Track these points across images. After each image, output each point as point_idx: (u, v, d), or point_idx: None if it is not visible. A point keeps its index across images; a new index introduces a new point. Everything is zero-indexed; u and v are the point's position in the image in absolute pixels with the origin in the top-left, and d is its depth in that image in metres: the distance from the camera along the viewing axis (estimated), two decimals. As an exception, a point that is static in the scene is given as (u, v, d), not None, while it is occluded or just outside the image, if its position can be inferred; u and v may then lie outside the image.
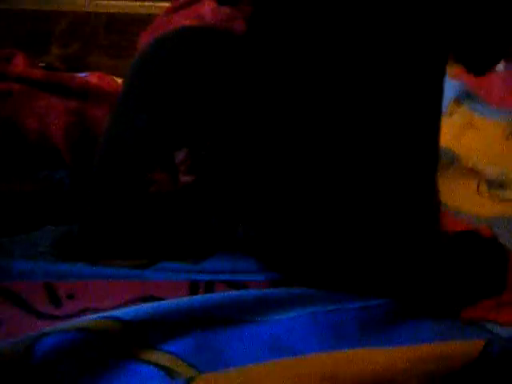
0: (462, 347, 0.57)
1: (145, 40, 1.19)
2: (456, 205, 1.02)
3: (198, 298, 0.68)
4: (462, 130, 1.37)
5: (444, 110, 1.54)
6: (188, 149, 0.76)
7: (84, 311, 0.67)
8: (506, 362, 0.56)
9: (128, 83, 0.80)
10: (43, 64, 1.35)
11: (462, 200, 1.04)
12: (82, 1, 1.39)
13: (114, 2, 1.39)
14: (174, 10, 1.23)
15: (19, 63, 1.17)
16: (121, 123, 0.76)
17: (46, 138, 0.91)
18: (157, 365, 0.58)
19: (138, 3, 1.41)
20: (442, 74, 0.78)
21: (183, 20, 1.18)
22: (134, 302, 0.69)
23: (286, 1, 0.75)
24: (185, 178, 0.76)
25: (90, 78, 1.21)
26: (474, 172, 1.16)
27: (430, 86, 0.76)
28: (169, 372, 0.57)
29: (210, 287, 0.73)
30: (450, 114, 1.45)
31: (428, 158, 0.78)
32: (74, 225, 0.81)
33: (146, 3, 1.41)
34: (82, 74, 1.32)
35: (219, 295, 0.68)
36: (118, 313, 0.62)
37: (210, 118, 0.76)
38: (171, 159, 0.76)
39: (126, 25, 1.40)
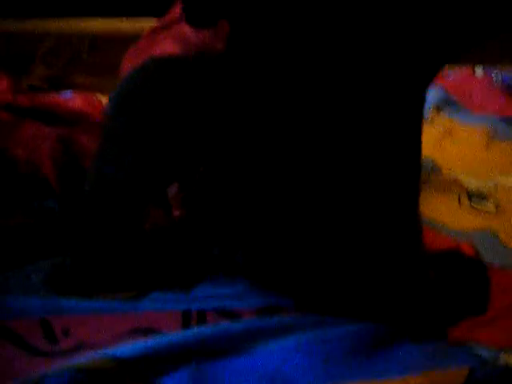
0: (446, 378, 0.60)
1: (128, 62, 1.20)
2: (437, 218, 1.04)
3: (192, 331, 0.70)
4: (442, 139, 1.39)
5: (425, 116, 1.57)
6: (179, 183, 0.77)
7: (79, 347, 0.69)
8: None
9: (110, 119, 0.82)
10: (27, 84, 1.36)
11: (443, 213, 1.07)
12: (65, 21, 1.40)
13: (96, 22, 1.40)
14: (158, 30, 1.24)
15: (3, 86, 1.18)
16: (107, 160, 0.78)
17: (35, 167, 0.93)
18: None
19: (120, 22, 1.42)
20: (426, 85, 0.80)
21: (167, 41, 1.19)
22: (128, 334, 0.71)
23: (265, 17, 0.76)
24: (178, 213, 0.78)
25: (75, 99, 1.23)
26: (454, 183, 1.18)
27: (413, 95, 0.77)
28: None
29: (202, 315, 0.75)
30: (431, 121, 1.48)
31: (411, 173, 0.79)
32: (65, 256, 0.82)
33: (129, 22, 1.42)
34: (66, 93, 1.33)
35: (212, 328, 0.70)
36: (113, 350, 0.64)
37: (197, 149, 0.77)
38: (164, 194, 0.78)
39: (109, 43, 1.41)
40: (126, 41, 1.40)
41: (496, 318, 0.77)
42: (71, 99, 1.22)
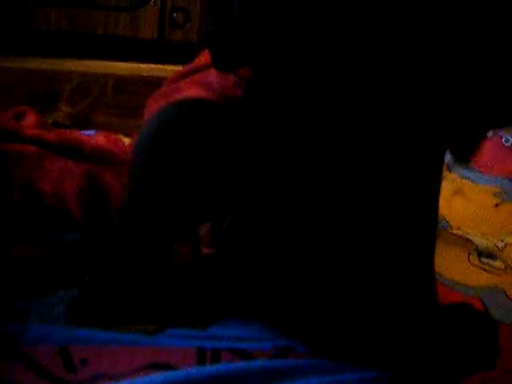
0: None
1: (152, 106, 1.24)
2: (447, 274, 1.06)
3: (207, 368, 0.71)
4: (453, 197, 1.42)
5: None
6: (210, 223, 0.80)
7: (97, 377, 0.71)
8: None
9: (139, 164, 0.84)
10: (51, 121, 1.40)
11: (453, 269, 1.08)
12: (91, 61, 1.44)
13: (122, 64, 1.45)
14: (182, 76, 1.29)
15: (31, 121, 1.22)
16: (136, 200, 0.80)
17: (61, 200, 0.95)
18: None
19: (146, 65, 1.46)
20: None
21: (191, 87, 1.23)
22: (144, 368, 0.73)
23: (287, 65, 0.78)
24: (206, 250, 0.80)
25: (98, 136, 1.26)
26: (464, 241, 1.20)
27: (432, 155, 0.79)
28: None
29: (216, 354, 0.77)
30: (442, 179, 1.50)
31: (429, 226, 0.81)
32: (86, 288, 0.84)
33: (155, 66, 1.46)
34: (89, 132, 1.37)
35: (227, 366, 0.72)
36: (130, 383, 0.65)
37: (225, 193, 0.80)
38: (194, 232, 0.80)
39: (133, 85, 1.45)
40: (149, 84, 1.45)
41: (504, 375, 0.78)
42: (95, 137, 1.25)
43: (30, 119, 1.23)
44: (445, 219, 1.29)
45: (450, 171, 1.52)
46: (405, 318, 0.77)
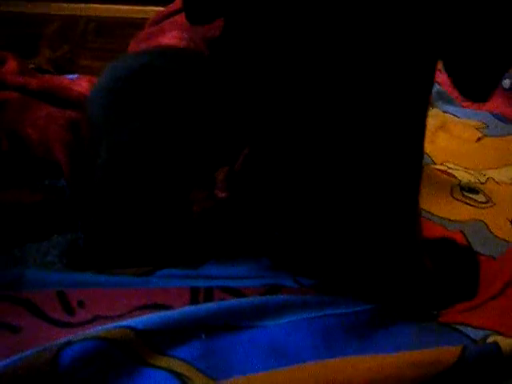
0: (438, 354, 0.65)
1: (135, 48, 1.24)
2: (430, 208, 1.09)
3: (201, 306, 0.74)
4: (436, 132, 1.44)
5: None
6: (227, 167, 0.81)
7: (95, 319, 0.73)
8: (480, 369, 0.64)
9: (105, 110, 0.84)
10: (33, 66, 1.39)
11: (436, 204, 1.11)
12: (72, 4, 1.42)
13: (103, 6, 1.43)
14: (164, 17, 1.28)
15: (12, 67, 1.21)
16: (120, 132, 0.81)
17: (47, 149, 0.96)
18: (170, 370, 0.65)
19: (127, 7, 1.45)
20: (432, 76, 0.82)
21: (173, 29, 1.23)
22: (140, 309, 0.75)
23: (261, 12, 0.78)
24: (222, 195, 0.82)
25: (81, 81, 1.25)
26: (447, 176, 1.23)
27: (418, 86, 0.78)
28: (181, 378, 0.64)
29: (209, 293, 0.80)
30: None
31: (414, 162, 0.83)
32: (79, 232, 0.86)
33: (136, 7, 1.45)
34: (72, 76, 1.36)
35: (220, 303, 0.75)
36: (130, 322, 0.68)
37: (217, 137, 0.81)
38: (211, 178, 0.81)
39: (115, 28, 1.44)
40: (131, 26, 1.43)
41: (484, 304, 0.82)
42: (78, 82, 1.25)
43: (12, 65, 1.22)
44: (428, 155, 1.32)
45: (432, 107, 1.53)
46: (390, 251, 0.80)
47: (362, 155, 0.76)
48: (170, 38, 1.18)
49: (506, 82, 1.64)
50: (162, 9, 1.36)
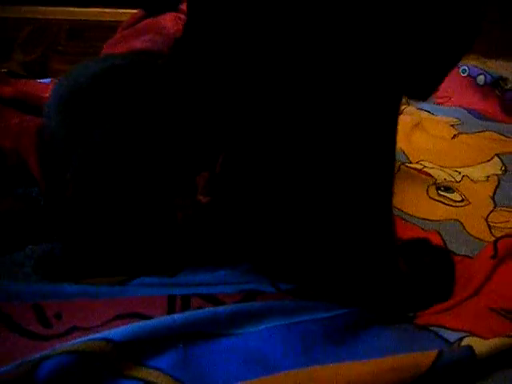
0: (414, 359, 0.65)
1: (108, 51, 1.23)
2: (406, 208, 1.10)
3: (178, 315, 0.74)
4: (412, 130, 1.45)
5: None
6: (208, 172, 0.81)
7: (72, 330, 0.73)
8: (455, 373, 0.64)
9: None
10: (5, 70, 1.38)
11: (412, 203, 1.12)
12: (44, 8, 1.41)
13: (76, 9, 1.42)
14: (137, 21, 1.27)
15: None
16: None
17: (21, 158, 0.95)
18: (147, 381, 0.64)
19: (100, 10, 1.44)
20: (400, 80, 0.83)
21: (145, 32, 1.22)
22: (117, 319, 0.75)
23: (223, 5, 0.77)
24: (204, 200, 0.82)
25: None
26: (423, 174, 1.24)
27: (388, 89, 0.80)
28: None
29: (186, 300, 0.79)
30: (401, 112, 1.52)
31: (386, 163, 0.83)
32: (54, 242, 0.85)
33: (109, 10, 1.44)
34: (45, 81, 1.35)
35: (197, 312, 0.75)
36: (106, 334, 0.68)
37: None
38: (192, 184, 0.81)
39: (88, 31, 1.43)
40: (103, 29, 1.42)
41: (460, 304, 0.82)
42: (50, 87, 1.24)
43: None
44: (404, 153, 1.32)
45: (408, 104, 1.53)
46: (363, 254, 0.80)
47: (334, 157, 0.77)
48: (143, 41, 1.18)
49: (481, 79, 1.66)
50: (135, 11, 1.35)
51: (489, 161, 1.33)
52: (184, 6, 1.24)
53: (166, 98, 0.79)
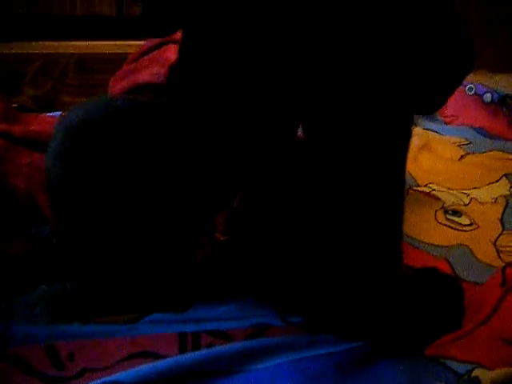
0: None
1: (116, 85, 1.25)
2: (414, 233, 1.10)
3: (188, 354, 0.75)
4: (420, 152, 1.45)
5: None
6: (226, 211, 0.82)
7: (84, 372, 0.74)
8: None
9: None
10: (16, 105, 1.40)
11: (420, 228, 1.12)
12: (52, 42, 1.43)
13: (83, 43, 1.44)
14: (143, 54, 1.29)
15: (-4, 110, 1.22)
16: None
17: (32, 197, 0.97)
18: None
19: (107, 42, 1.46)
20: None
21: (152, 65, 1.24)
22: (129, 359, 0.76)
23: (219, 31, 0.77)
24: (222, 238, 0.83)
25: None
26: (431, 198, 1.24)
27: (399, 118, 0.80)
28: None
29: (196, 337, 0.80)
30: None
31: (396, 191, 0.83)
32: (66, 282, 0.87)
33: (115, 43, 1.46)
34: (54, 114, 1.37)
35: (208, 350, 0.76)
36: (119, 376, 0.69)
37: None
38: (211, 223, 0.82)
39: (95, 63, 1.45)
40: (110, 61, 1.44)
41: (469, 334, 0.83)
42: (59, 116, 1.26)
43: (-5, 107, 1.23)
44: (412, 175, 1.33)
45: (415, 125, 1.54)
46: (373, 284, 0.81)
47: (347, 188, 0.77)
48: (148, 74, 1.20)
49: (488, 96, 1.66)
50: (141, 43, 1.37)
51: (497, 181, 1.33)
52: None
53: (176, 141, 0.80)
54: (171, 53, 1.25)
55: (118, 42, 1.45)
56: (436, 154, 1.47)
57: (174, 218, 0.82)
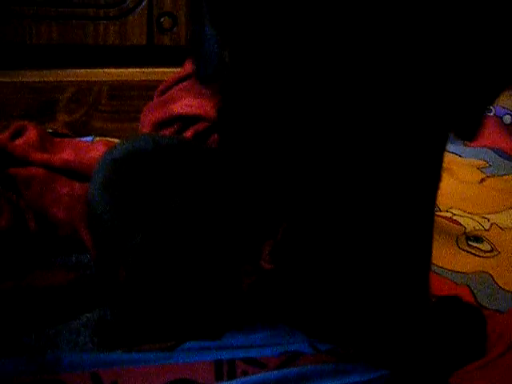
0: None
1: (147, 116, 1.30)
2: (435, 260, 1.13)
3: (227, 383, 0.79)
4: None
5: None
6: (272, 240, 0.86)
7: (128, 399, 0.79)
8: None
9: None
10: (51, 130, 1.45)
11: (442, 255, 1.16)
12: (85, 71, 1.49)
13: (115, 71, 1.50)
14: (172, 84, 1.34)
15: (32, 137, 1.27)
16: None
17: (74, 229, 1.02)
18: None
19: (137, 70, 1.51)
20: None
21: (184, 95, 1.29)
22: (168, 385, 0.81)
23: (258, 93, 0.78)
24: (268, 266, 0.86)
25: (98, 146, 1.31)
26: (452, 224, 1.28)
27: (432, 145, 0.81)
28: None
29: (232, 365, 0.85)
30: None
31: (427, 220, 0.86)
32: (105, 309, 0.92)
33: (145, 70, 1.51)
34: (87, 138, 1.43)
35: (244, 379, 0.80)
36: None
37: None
38: (257, 250, 0.86)
39: (127, 90, 1.50)
40: (141, 88, 1.50)
41: (492, 363, 0.86)
42: (94, 147, 1.31)
43: (32, 135, 1.28)
44: (433, 201, 1.36)
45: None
46: (401, 312, 0.84)
47: (383, 221, 0.80)
48: (181, 106, 1.24)
49: (507, 118, 1.69)
50: (172, 70, 1.42)
51: (518, 206, 1.37)
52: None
53: (219, 176, 0.84)
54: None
55: (148, 69, 1.50)
56: (458, 177, 1.50)
57: (219, 249, 0.85)
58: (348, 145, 0.77)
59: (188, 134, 1.21)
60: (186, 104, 1.23)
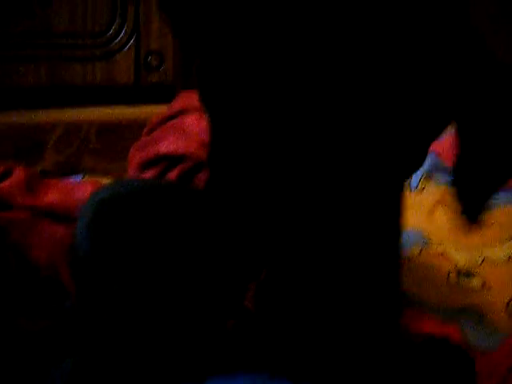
0: None
1: (135, 155, 1.30)
2: (424, 296, 1.11)
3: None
4: (434, 209, 1.46)
5: (415, 185, 1.64)
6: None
7: None
8: None
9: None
10: (40, 168, 1.45)
11: (431, 291, 1.14)
12: (74, 110, 1.49)
13: (103, 110, 1.50)
14: (159, 124, 1.34)
15: (19, 179, 1.27)
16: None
17: (55, 270, 1.01)
18: None
19: (126, 108, 1.51)
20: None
21: (170, 135, 1.29)
22: None
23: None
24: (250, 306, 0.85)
25: (85, 186, 1.31)
26: (444, 259, 1.25)
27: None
28: None
29: (212, 412, 0.83)
30: (421, 190, 1.53)
31: (392, 252, 0.87)
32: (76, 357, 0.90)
33: (134, 108, 1.51)
34: (76, 178, 1.43)
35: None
36: None
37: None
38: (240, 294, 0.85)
39: (115, 129, 1.50)
40: (129, 126, 1.50)
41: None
42: (82, 187, 1.31)
43: (19, 176, 1.28)
44: (424, 235, 1.34)
45: (430, 180, 1.55)
46: (380, 356, 0.83)
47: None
48: (166, 145, 1.24)
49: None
50: (161, 107, 1.42)
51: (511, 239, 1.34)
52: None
53: (202, 220, 0.84)
54: (189, 120, 1.30)
55: (136, 108, 1.51)
56: (450, 209, 1.47)
57: (205, 290, 0.85)
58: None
59: (174, 173, 1.21)
60: (172, 143, 1.23)
